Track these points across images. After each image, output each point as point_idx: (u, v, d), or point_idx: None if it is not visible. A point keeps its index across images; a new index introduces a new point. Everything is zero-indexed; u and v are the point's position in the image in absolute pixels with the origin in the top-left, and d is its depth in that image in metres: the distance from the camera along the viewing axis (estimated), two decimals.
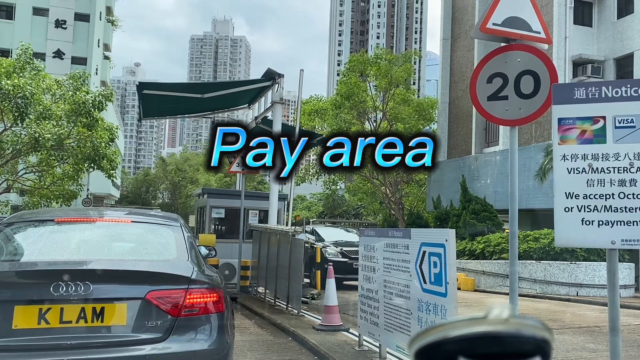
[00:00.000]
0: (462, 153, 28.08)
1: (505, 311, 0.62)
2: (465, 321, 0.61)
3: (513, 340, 0.60)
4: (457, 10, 29.81)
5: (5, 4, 37.18)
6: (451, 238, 4.61)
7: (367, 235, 6.33)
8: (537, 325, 0.62)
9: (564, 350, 7.08)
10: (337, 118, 27.94)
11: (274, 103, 13.23)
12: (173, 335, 3.34)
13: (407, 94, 29.40)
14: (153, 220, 4.51)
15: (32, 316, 3.15)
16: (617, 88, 3.68)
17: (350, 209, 61.98)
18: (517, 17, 4.64)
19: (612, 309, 3.66)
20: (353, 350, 6.46)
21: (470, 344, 0.60)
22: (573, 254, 15.11)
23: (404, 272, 5.27)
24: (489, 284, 17.01)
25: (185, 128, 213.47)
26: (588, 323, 9.71)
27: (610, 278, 3.69)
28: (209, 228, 14.24)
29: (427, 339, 0.62)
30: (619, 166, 3.60)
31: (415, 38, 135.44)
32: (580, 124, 3.71)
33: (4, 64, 16.95)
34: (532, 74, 4.52)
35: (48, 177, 19.52)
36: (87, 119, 17.53)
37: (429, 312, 4.79)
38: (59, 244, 3.94)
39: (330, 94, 57.60)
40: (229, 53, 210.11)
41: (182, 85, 16.76)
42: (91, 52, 39.34)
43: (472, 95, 4.72)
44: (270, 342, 7.52)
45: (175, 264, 3.72)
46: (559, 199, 3.71)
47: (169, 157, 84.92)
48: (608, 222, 3.59)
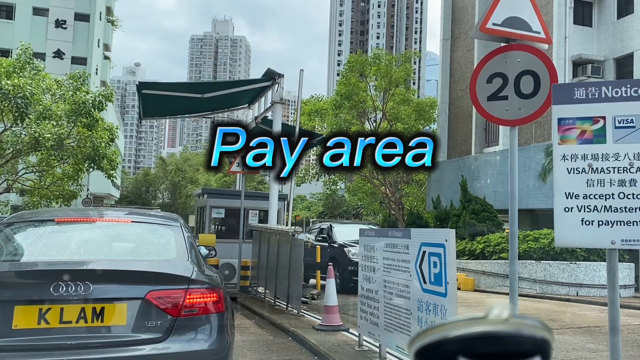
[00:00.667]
0: (462, 153, 28.08)
1: (505, 311, 0.62)
2: (465, 321, 0.61)
3: (513, 340, 0.60)
4: (457, 10, 29.80)
5: (5, 3, 37.17)
6: (451, 238, 4.61)
7: (367, 235, 6.33)
8: (537, 325, 0.62)
9: (564, 350, 7.08)
10: (337, 118, 27.93)
11: (274, 103, 13.23)
12: (173, 336, 3.34)
13: (407, 93, 29.39)
14: (153, 220, 4.51)
15: (32, 316, 3.15)
16: (617, 88, 3.67)
17: (350, 209, 61.96)
18: (517, 17, 4.64)
19: (612, 309, 3.66)
20: (353, 351, 6.46)
21: (470, 343, 0.60)
22: (573, 254, 15.11)
23: (404, 272, 5.27)
24: (489, 284, 17.01)
25: (185, 128, 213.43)
26: (588, 323, 9.70)
27: (610, 278, 3.69)
28: (208, 228, 14.24)
29: (427, 339, 0.62)
30: (619, 166, 3.60)
31: (415, 38, 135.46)
32: (580, 124, 3.71)
33: (3, 64, 16.94)
34: (532, 74, 4.52)
35: (48, 177, 19.51)
36: (87, 119, 17.53)
37: (429, 312, 4.79)
38: (59, 244, 3.94)
39: (330, 94, 57.61)
40: (229, 53, 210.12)
41: (182, 85, 16.76)
42: (91, 52, 39.33)
43: (472, 95, 4.72)
44: (270, 342, 7.52)
45: (175, 264, 3.72)
46: (558, 199, 3.71)
47: (168, 157, 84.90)
48: (608, 222, 3.59)
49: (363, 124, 29.76)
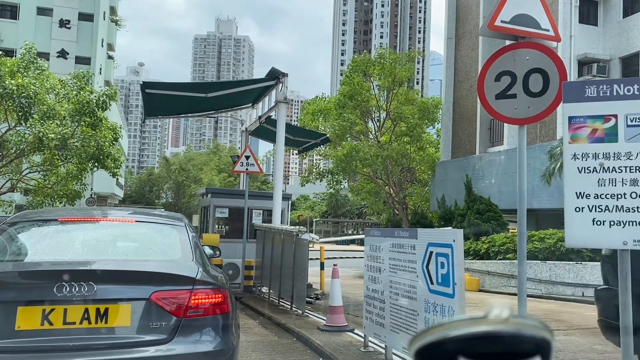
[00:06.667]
0: (466, 153, 27.98)
1: (505, 311, 0.62)
2: (465, 321, 0.61)
3: (513, 340, 0.61)
4: (462, 9, 29.70)
5: (9, 3, 37.26)
6: (459, 238, 4.56)
7: (372, 235, 6.27)
8: (537, 325, 0.62)
9: (572, 351, 7.01)
10: (341, 118, 27.86)
11: (277, 102, 13.18)
12: (178, 337, 3.29)
13: (411, 93, 29.29)
14: (157, 220, 4.47)
15: (35, 317, 3.11)
16: (629, 86, 3.61)
17: (353, 209, 61.87)
18: (525, 15, 4.57)
19: (623, 311, 3.60)
20: (358, 351, 6.41)
21: (470, 343, 0.60)
22: (579, 254, 15.02)
23: (411, 272, 5.22)
24: (493, 284, 16.93)
25: (189, 128, 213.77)
26: (595, 324, 9.62)
27: (622, 279, 3.62)
28: (212, 228, 14.21)
29: (427, 339, 0.62)
30: (631, 165, 3.53)
31: (418, 38, 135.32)
32: (591, 123, 3.65)
33: (8, 64, 16.95)
34: (541, 72, 4.45)
35: (52, 177, 19.52)
36: (91, 118, 17.53)
37: (436, 313, 4.74)
38: (62, 244, 3.90)
39: (333, 94, 57.54)
40: (232, 53, 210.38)
41: (185, 84, 16.72)
42: (95, 51, 39.40)
43: (479, 93, 4.65)
44: (275, 342, 7.48)
45: (179, 264, 3.68)
46: (569, 198, 3.64)
47: (172, 156, 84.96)
48: (620, 222, 3.52)
49: (367, 123, 29.69)
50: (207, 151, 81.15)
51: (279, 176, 14.29)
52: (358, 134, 29.75)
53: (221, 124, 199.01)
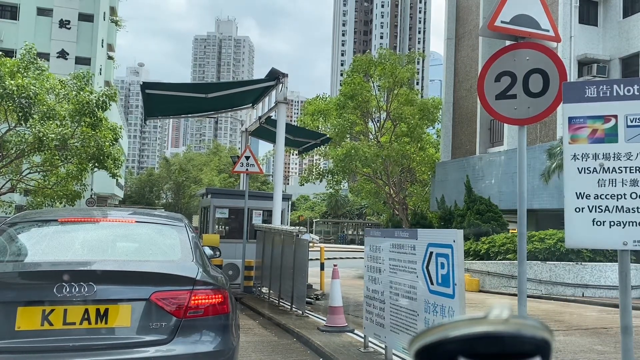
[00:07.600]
0: (466, 153, 27.97)
1: (505, 311, 0.63)
2: (465, 321, 0.62)
3: (513, 340, 0.61)
4: (462, 10, 29.71)
5: (9, 4, 37.26)
6: (459, 239, 4.56)
7: (372, 235, 6.27)
8: (537, 326, 0.62)
9: (572, 352, 7.01)
10: (341, 118, 27.85)
11: (277, 103, 13.18)
12: (178, 337, 3.29)
13: (411, 93, 29.30)
14: (157, 221, 4.47)
15: (35, 317, 3.11)
16: (630, 86, 3.61)
17: (353, 209, 61.87)
18: (525, 15, 4.57)
19: (624, 310, 3.60)
20: (358, 352, 6.41)
21: (470, 344, 0.60)
22: (579, 255, 15.01)
23: (410, 273, 5.22)
24: (493, 285, 16.93)
25: (189, 128, 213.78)
26: (595, 324, 9.62)
27: (622, 279, 3.62)
28: (212, 228, 14.20)
29: (427, 339, 0.62)
30: (631, 166, 3.53)
31: (418, 38, 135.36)
32: (591, 123, 3.65)
33: (8, 64, 16.95)
34: (541, 72, 4.44)
35: (52, 177, 19.52)
36: (91, 118, 17.53)
37: (436, 314, 4.74)
38: (62, 245, 3.90)
39: (333, 94, 57.54)
40: (233, 53, 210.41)
41: (185, 85, 16.72)
42: (95, 52, 39.39)
43: (479, 94, 4.65)
44: (275, 343, 7.48)
45: (180, 265, 3.68)
46: (569, 199, 3.64)
47: (172, 157, 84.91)
48: (620, 222, 3.52)
49: (367, 124, 29.69)
50: (207, 152, 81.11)
51: (279, 176, 14.29)
52: (358, 134, 29.75)
53: (221, 125, 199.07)
